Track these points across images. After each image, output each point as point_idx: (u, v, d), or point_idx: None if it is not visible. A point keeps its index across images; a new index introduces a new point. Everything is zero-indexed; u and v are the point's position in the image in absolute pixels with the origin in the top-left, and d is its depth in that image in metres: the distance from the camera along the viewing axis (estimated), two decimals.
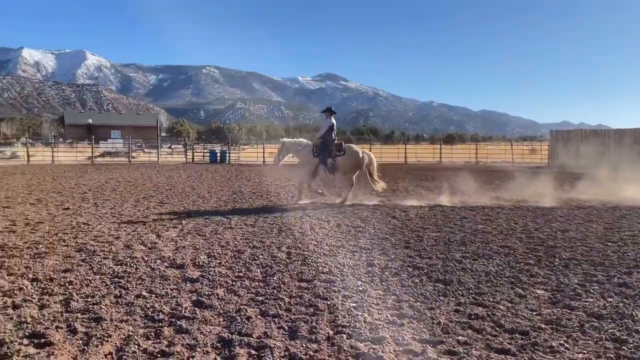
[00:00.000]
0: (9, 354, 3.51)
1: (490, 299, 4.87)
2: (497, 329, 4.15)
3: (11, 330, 3.94)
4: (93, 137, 37.47)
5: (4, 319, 4.16)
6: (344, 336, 3.94)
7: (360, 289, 5.15)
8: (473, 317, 4.40)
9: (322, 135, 12.34)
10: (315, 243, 7.36)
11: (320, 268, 5.93)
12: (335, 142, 12.25)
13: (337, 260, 6.31)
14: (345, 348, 3.73)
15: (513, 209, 11.16)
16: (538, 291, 5.16)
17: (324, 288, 5.16)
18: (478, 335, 4.00)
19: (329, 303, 4.69)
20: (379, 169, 12.77)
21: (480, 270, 5.92)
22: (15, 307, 4.47)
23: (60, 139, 64.43)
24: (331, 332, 4.01)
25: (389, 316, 4.38)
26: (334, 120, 12.32)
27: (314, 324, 4.17)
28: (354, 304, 4.68)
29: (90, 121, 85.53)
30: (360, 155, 12.18)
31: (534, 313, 4.52)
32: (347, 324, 4.18)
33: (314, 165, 12.17)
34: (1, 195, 13.11)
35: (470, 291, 5.12)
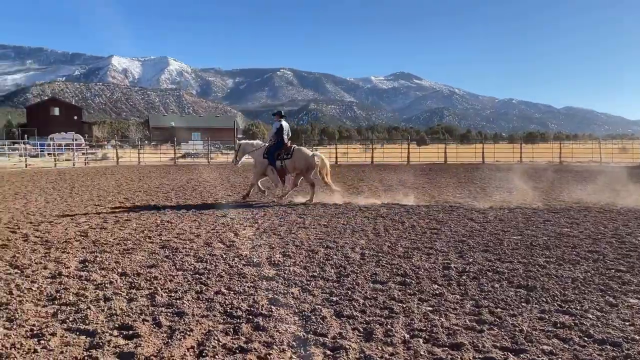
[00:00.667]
0: (101, 343, 3.75)
1: (578, 307, 4.59)
2: (586, 339, 3.90)
3: (103, 321, 4.21)
4: (175, 139, 39.40)
5: (96, 310, 4.46)
6: (421, 340, 3.86)
7: (437, 292, 5.03)
8: (559, 325, 4.16)
9: (271, 137, 12.71)
10: (390, 244, 7.28)
11: (394, 270, 5.86)
12: (287, 144, 12.50)
13: (412, 263, 6.20)
14: (422, 352, 3.65)
15: (601, 212, 10.45)
16: (631, 300, 4.79)
17: (399, 290, 5.08)
18: (565, 345, 3.78)
19: (404, 306, 4.62)
20: (331, 171, 13.24)
21: (566, 276, 5.59)
22: (106, 299, 4.77)
23: (146, 141, 68.27)
24: (407, 336, 3.94)
25: (468, 321, 4.24)
26: (283, 123, 12.58)
27: (389, 326, 4.12)
28: (430, 308, 4.58)
29: (173, 124, 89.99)
30: (310, 156, 12.43)
31: (627, 323, 4.20)
32: (424, 328, 4.09)
33: (265, 166, 12.61)
34: (93, 194, 14.08)
35: (556, 298, 4.85)
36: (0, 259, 6.32)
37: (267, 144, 12.77)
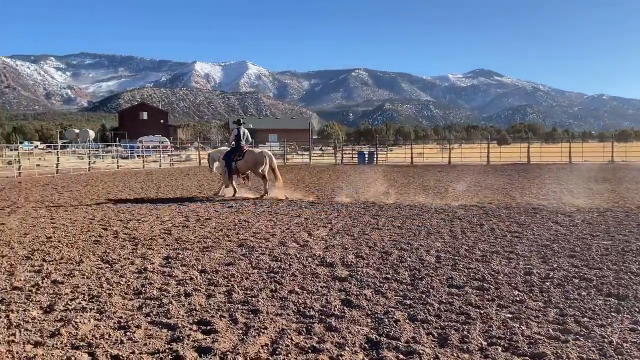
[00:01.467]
0: (181, 337, 3.92)
1: None
2: None
3: (183, 316, 4.40)
4: (253, 140, 40.59)
5: (177, 305, 4.67)
6: (499, 348, 3.69)
7: (517, 299, 4.79)
8: None
9: (231, 141, 14.48)
10: (467, 247, 7.04)
11: (472, 274, 5.65)
12: (243, 148, 13.93)
13: (490, 267, 5.96)
14: None
15: None
16: None
17: (476, 295, 4.90)
18: None
19: (481, 312, 4.44)
20: (277, 168, 14.55)
21: None
22: (186, 295, 4.99)
23: (226, 143, 70.89)
24: (484, 343, 3.78)
25: (551, 330, 4.00)
26: (241, 130, 14.15)
27: (465, 332, 3.98)
28: (510, 315, 4.37)
29: (251, 126, 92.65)
30: (258, 153, 14.08)
31: None
32: (503, 336, 3.90)
33: (224, 166, 14.05)
34: (177, 194, 14.80)
35: None
36: (93, 254, 6.80)
37: (228, 148, 14.64)
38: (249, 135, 14.59)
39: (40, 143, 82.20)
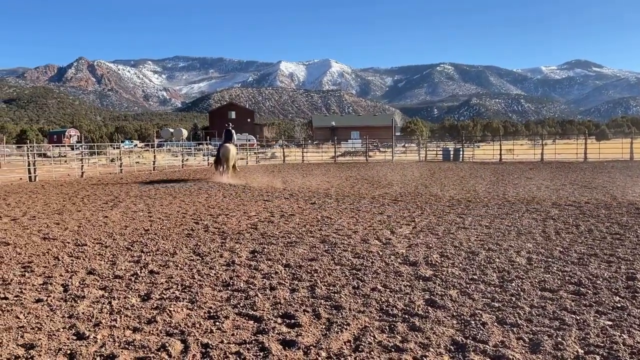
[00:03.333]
0: (266, 329, 4.03)
1: None
2: None
3: (268, 309, 4.53)
4: (335, 138, 40.87)
5: (263, 298, 4.81)
6: (598, 357, 3.44)
7: (618, 305, 4.44)
8: None
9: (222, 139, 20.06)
10: (562, 249, 6.63)
11: (567, 278, 5.31)
12: (225, 144, 19.20)
13: (588, 270, 5.57)
14: None
15: None
16: None
17: (572, 300, 4.60)
18: None
19: (578, 318, 4.16)
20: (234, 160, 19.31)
21: None
22: (271, 288, 5.12)
23: (309, 140, 71.99)
24: (581, 352, 3.54)
25: None
26: (230, 129, 19.96)
27: (559, 339, 3.75)
28: (610, 322, 4.06)
29: (334, 124, 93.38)
30: (224, 148, 18.89)
31: None
32: (602, 344, 3.64)
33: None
34: (262, 190, 15.25)
35: None
36: (185, 246, 7.18)
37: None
38: (233, 134, 20.12)
39: (139, 142, 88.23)
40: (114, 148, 44.24)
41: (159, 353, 3.64)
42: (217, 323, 4.18)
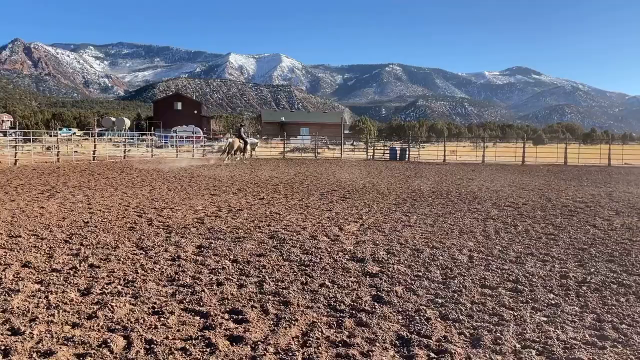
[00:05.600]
0: (213, 325, 3.97)
1: None
2: None
3: (215, 304, 4.47)
4: (285, 133, 40.74)
5: (210, 293, 4.74)
6: (533, 352, 3.61)
7: (553, 302, 4.68)
8: None
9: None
10: (501, 248, 6.92)
11: (505, 275, 5.55)
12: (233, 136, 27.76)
13: (525, 269, 5.84)
14: None
15: None
16: None
17: (510, 297, 4.81)
18: None
19: (515, 314, 4.36)
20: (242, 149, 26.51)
21: None
22: (219, 284, 5.06)
23: (258, 135, 71.40)
24: (518, 346, 3.71)
25: (587, 336, 3.90)
26: (241, 130, 29.64)
27: (498, 334, 3.91)
28: (545, 318, 4.27)
29: (283, 119, 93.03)
30: (230, 139, 27.48)
31: None
32: (537, 339, 3.82)
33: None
34: (209, 184, 15.00)
35: None
36: (128, 240, 6.96)
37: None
38: (242, 130, 29.59)
39: (78, 130, 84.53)
40: (50, 136, 42.22)
41: (100, 349, 3.51)
42: (162, 319, 4.08)
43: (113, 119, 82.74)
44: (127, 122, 77.10)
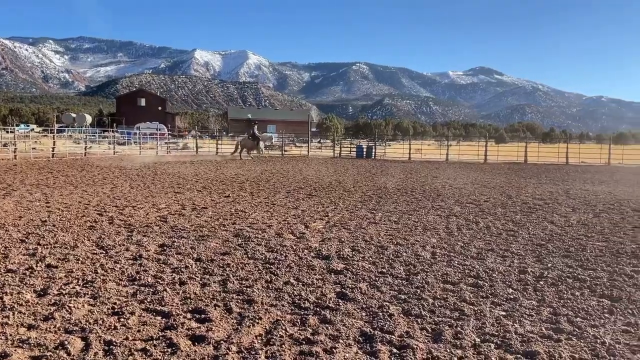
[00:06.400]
0: (175, 325, 3.91)
1: None
2: None
3: (177, 304, 4.40)
4: (251, 131, 40.39)
5: (172, 293, 4.66)
6: (492, 345, 3.70)
7: (511, 297, 4.80)
8: None
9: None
10: (463, 244, 7.06)
11: (467, 271, 5.67)
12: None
13: (485, 264, 5.97)
14: (493, 358, 3.50)
15: None
16: None
17: (471, 292, 4.91)
18: None
19: (475, 309, 4.46)
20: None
21: None
22: (181, 283, 4.98)
23: (224, 132, 70.66)
24: (478, 340, 3.80)
25: (544, 329, 4.02)
26: (254, 129, 29.68)
27: (459, 328, 3.99)
28: (504, 313, 4.38)
29: (250, 116, 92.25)
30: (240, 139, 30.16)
31: None
32: (496, 333, 3.92)
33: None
34: (173, 182, 14.77)
35: None
36: (88, 239, 6.78)
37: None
38: (254, 130, 29.64)
39: (37, 126, 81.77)
40: (7, 132, 40.70)
41: (57, 351, 3.41)
42: (122, 319, 3.99)
43: (73, 115, 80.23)
44: (89, 119, 74.90)
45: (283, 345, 3.60)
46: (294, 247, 6.62)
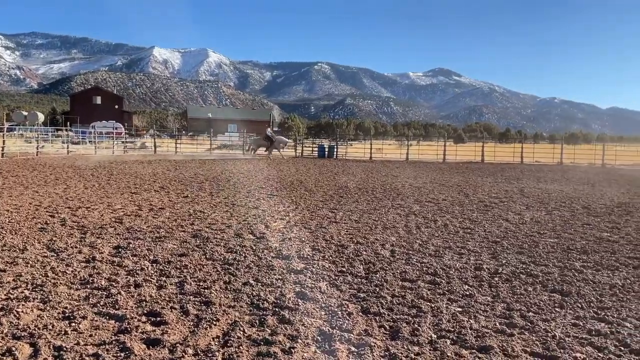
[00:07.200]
0: (129, 329, 3.81)
1: (615, 315, 4.40)
2: (622, 348, 3.73)
3: (132, 307, 4.28)
4: (212, 130, 39.91)
5: (126, 296, 4.54)
6: (448, 341, 3.77)
7: (467, 293, 4.91)
8: (594, 333, 4.00)
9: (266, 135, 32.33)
10: (421, 242, 7.17)
11: (425, 269, 5.76)
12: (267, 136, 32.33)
13: (443, 262, 6.08)
14: (449, 354, 3.56)
15: None
16: None
17: (428, 289, 4.99)
18: (599, 354, 3.62)
19: (432, 305, 4.53)
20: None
21: (604, 282, 5.37)
22: (137, 285, 4.85)
23: (183, 132, 69.49)
24: (434, 336, 3.86)
25: (498, 324, 4.12)
26: (268, 132, 32.34)
27: (416, 325, 4.04)
28: (460, 309, 4.47)
29: (210, 115, 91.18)
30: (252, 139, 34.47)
31: None
32: (452, 329, 3.99)
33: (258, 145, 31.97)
34: (130, 182, 14.41)
35: (592, 305, 4.66)
36: (38, 242, 6.52)
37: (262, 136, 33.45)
38: (271, 130, 33.83)
39: None
40: None
41: (4, 358, 3.27)
42: (73, 324, 3.86)
43: (25, 113, 77.04)
44: (41, 117, 72.07)
45: (241, 347, 3.56)
46: (254, 248, 6.56)
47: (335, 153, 35.39)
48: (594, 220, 9.49)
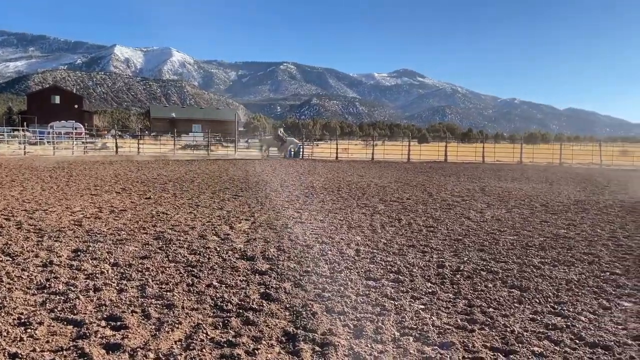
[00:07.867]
0: (88, 334, 3.71)
1: (571, 309, 4.55)
2: (577, 341, 3.86)
3: (91, 311, 4.17)
4: (176, 130, 39.28)
5: (85, 300, 4.42)
6: (411, 339, 3.82)
7: (430, 290, 4.99)
8: (551, 327, 4.13)
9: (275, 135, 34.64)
10: (385, 241, 7.24)
11: (389, 267, 5.82)
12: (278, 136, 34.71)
13: (406, 260, 6.16)
14: (412, 351, 3.61)
15: (599, 214, 10.42)
16: (625, 303, 4.75)
17: (392, 288, 5.05)
18: (556, 347, 3.74)
19: (396, 303, 4.58)
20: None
21: (561, 277, 5.56)
22: (96, 289, 4.73)
23: (146, 132, 68.13)
24: (397, 334, 3.91)
25: (459, 321, 4.21)
26: (279, 133, 34.54)
27: (380, 324, 4.08)
28: (422, 306, 4.54)
29: (174, 115, 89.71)
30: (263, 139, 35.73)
31: (620, 327, 4.17)
32: (414, 327, 4.05)
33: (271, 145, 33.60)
34: (90, 183, 14.04)
35: (549, 299, 4.81)
36: None
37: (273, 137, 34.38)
38: (281, 130, 34.90)
39: None
40: None
41: None
42: (29, 330, 3.73)
43: None
44: None
45: (203, 350, 3.52)
46: (218, 249, 6.49)
47: (301, 153, 35.38)
48: (552, 218, 9.79)
